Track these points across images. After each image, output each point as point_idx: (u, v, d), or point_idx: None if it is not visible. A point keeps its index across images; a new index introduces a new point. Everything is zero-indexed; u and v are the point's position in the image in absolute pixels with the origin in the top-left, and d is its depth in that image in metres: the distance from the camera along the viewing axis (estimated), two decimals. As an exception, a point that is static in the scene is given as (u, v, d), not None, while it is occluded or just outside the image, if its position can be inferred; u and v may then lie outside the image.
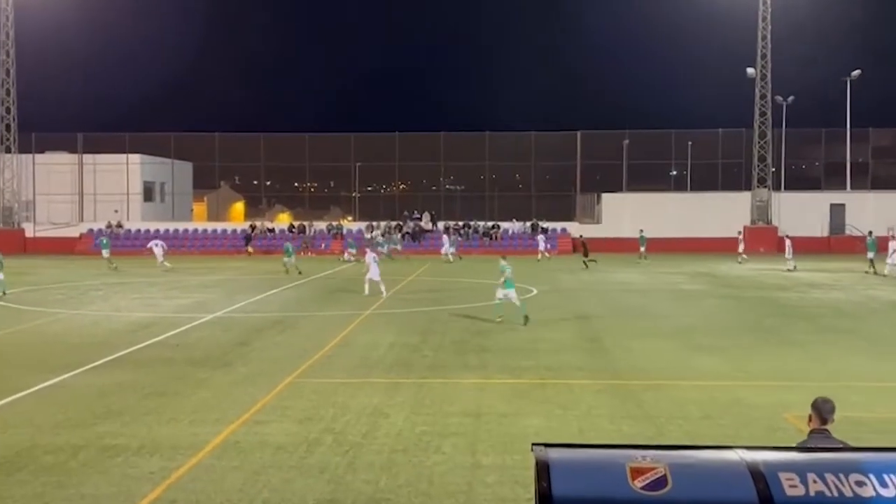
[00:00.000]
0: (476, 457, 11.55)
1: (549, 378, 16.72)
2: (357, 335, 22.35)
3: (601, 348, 20.31)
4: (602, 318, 25.78)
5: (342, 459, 11.43)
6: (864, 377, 16.87)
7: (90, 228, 65.93)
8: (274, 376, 16.79)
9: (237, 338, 21.95)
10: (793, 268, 43.50)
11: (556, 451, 4.45)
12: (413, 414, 13.80)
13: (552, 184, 73.74)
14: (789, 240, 45.77)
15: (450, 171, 75.94)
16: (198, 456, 11.56)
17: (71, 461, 11.39)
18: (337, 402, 14.62)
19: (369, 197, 77.92)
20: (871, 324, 24.87)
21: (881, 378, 16.85)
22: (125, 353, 19.61)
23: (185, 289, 35.80)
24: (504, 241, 63.70)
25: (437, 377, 16.87)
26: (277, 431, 12.76)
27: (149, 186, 72.22)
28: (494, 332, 22.74)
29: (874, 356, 19.29)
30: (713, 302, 30.46)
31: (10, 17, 63.30)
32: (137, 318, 26.09)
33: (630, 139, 69.79)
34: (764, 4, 60.08)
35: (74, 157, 69.97)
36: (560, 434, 12.46)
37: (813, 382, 16.23)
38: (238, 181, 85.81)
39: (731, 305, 29.45)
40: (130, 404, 14.54)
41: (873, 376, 17.01)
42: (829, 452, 4.81)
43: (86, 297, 32.56)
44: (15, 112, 64.35)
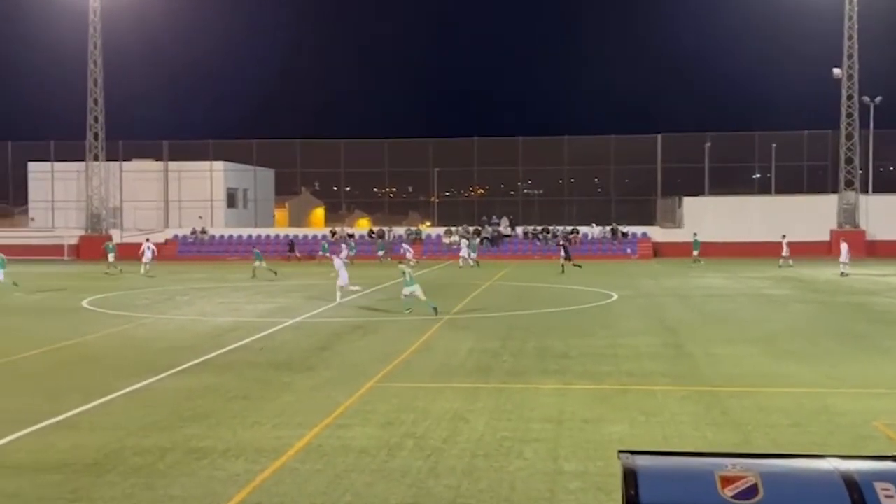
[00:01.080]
0: (558, 463, 11.47)
1: (630, 384, 16.54)
2: (437, 340, 22.40)
3: (684, 354, 20.02)
4: (685, 324, 25.43)
5: (423, 464, 11.45)
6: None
7: (175, 234, 67.31)
8: (355, 380, 16.91)
9: (319, 342, 22.18)
10: (845, 273, 41.62)
11: (643, 458, 4.38)
12: (494, 419, 13.77)
13: (632, 187, 73.11)
14: (846, 244, 44.12)
15: (528, 175, 75.84)
16: (281, 459, 11.69)
17: (159, 463, 11.61)
18: (418, 406, 14.65)
19: (448, 202, 78.19)
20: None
21: (977, 386, 16.29)
22: (210, 357, 19.94)
23: (268, 293, 36.31)
24: (583, 245, 63.31)
25: (518, 382, 16.81)
26: (359, 435, 12.84)
27: (232, 193, 73.49)
28: (574, 337, 22.59)
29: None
30: (800, 307, 29.83)
31: (98, 27, 65.03)
32: (222, 323, 26.53)
33: (712, 141, 68.75)
34: (850, 3, 58.75)
35: (160, 164, 71.55)
36: (644, 441, 12.31)
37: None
38: (318, 187, 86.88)
39: (819, 311, 28.81)
40: (216, 407, 14.78)
41: (969, 384, 16.47)
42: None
43: (172, 302, 33.25)
44: (103, 120, 66.08)
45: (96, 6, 64.68)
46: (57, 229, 67.10)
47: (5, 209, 79.24)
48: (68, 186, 69.96)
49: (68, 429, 13.39)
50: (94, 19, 64.80)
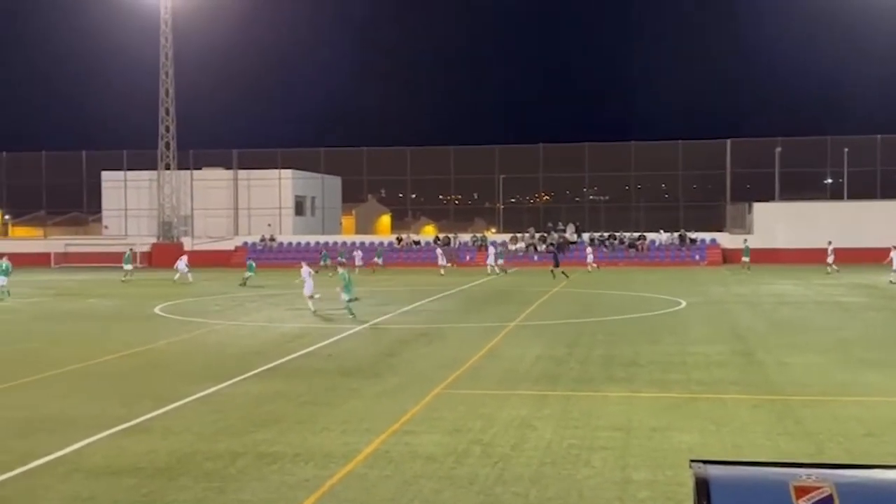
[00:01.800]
0: (626, 471, 11.37)
1: (700, 392, 16.34)
2: (503, 347, 22.37)
3: (755, 362, 19.72)
4: (755, 331, 25.05)
5: (491, 471, 11.44)
6: None
7: (244, 241, 68.21)
8: (422, 387, 16.96)
9: (385, 348, 22.29)
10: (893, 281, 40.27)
11: (716, 467, 4.33)
12: (561, 427, 13.71)
13: (700, 193, 72.31)
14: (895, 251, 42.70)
15: (594, 181, 75.41)
16: (350, 465, 11.77)
17: (229, 468, 11.77)
18: (485, 413, 14.64)
19: (513, 208, 78.12)
20: None
21: None
22: (280, 363, 20.17)
23: (336, 300, 36.56)
24: (651, 252, 62.75)
25: (585, 390, 16.72)
26: (427, 442, 12.87)
27: (300, 201, 74.29)
28: (642, 344, 22.38)
29: None
30: (874, 315, 29.21)
31: (169, 38, 66.26)
32: (290, 329, 26.82)
33: (782, 146, 67.65)
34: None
35: (230, 172, 72.61)
36: (714, 450, 12.16)
37: None
38: (384, 194, 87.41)
39: (893, 318, 28.16)
40: (285, 413, 14.94)
41: None
42: None
43: (241, 309, 33.69)
44: (174, 130, 67.30)
45: (167, 17, 65.92)
46: (129, 237, 68.43)
47: (79, 217, 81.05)
48: (140, 195, 71.34)
49: (141, 433, 13.64)
50: (165, 30, 66.05)
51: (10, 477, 11.39)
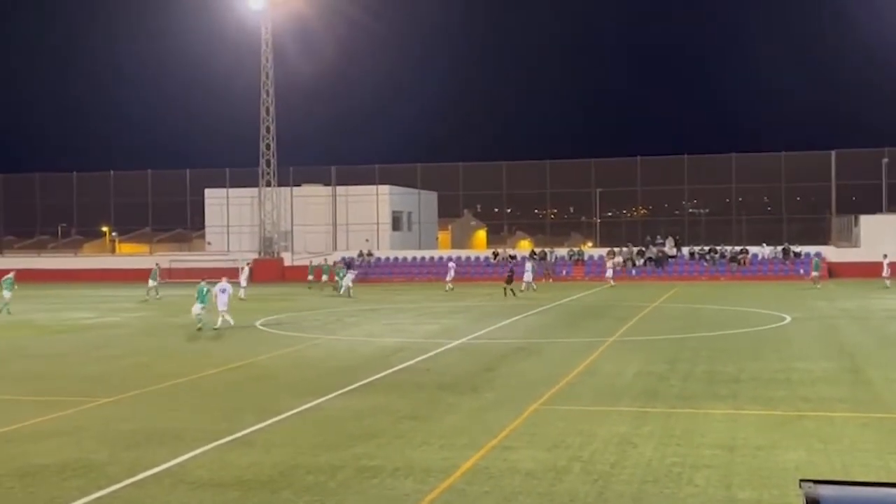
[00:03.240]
0: (731, 490, 11.13)
1: (806, 410, 15.90)
2: (602, 362, 22.15)
3: (864, 379, 19.12)
4: (864, 348, 24.29)
5: (591, 488, 11.32)
6: None
7: (343, 257, 69.07)
8: (520, 402, 16.89)
9: (483, 363, 22.28)
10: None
11: (827, 487, 4.22)
12: (662, 444, 13.48)
13: (804, 206, 70.60)
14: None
15: (693, 194, 74.29)
16: (449, 480, 11.78)
17: (330, 481, 11.88)
18: (584, 429, 14.50)
19: (610, 222, 77.40)
20: None
21: None
22: (379, 377, 20.32)
23: (434, 315, 36.77)
24: (753, 265, 61.46)
25: (686, 407, 16.43)
26: (526, 458, 12.80)
27: (397, 216, 74.91)
28: (745, 360, 21.91)
29: None
30: None
31: (270, 58, 67.67)
32: (389, 344, 27.01)
33: (889, 157, 65.57)
34: None
35: (328, 189, 73.66)
36: (822, 469, 11.81)
37: None
38: (480, 209, 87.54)
39: None
40: (384, 427, 15.03)
41: None
42: None
43: (340, 323, 34.09)
44: (274, 148, 68.63)
45: (268, 38, 67.34)
46: (231, 252, 69.92)
47: (183, 234, 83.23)
48: (242, 211, 72.87)
49: (244, 446, 13.88)
50: (266, 50, 67.47)
51: (118, 488, 11.70)
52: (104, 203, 78.77)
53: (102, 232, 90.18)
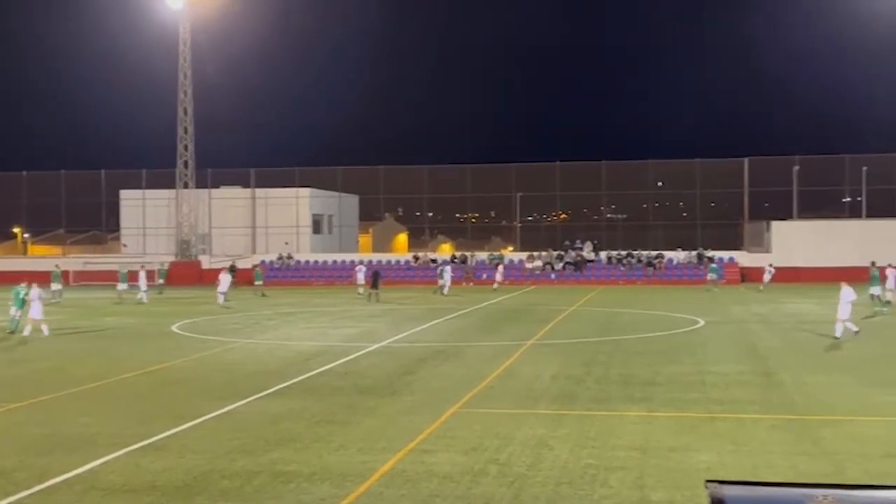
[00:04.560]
0: (644, 492, 11.31)
1: (718, 412, 16.24)
2: (520, 365, 22.32)
3: (774, 382, 19.60)
4: (774, 351, 24.91)
5: (507, 491, 11.40)
6: None
7: (262, 260, 68.37)
8: (439, 406, 16.94)
9: (403, 367, 22.28)
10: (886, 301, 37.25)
11: (732, 488, 4.31)
12: (578, 446, 13.65)
13: (718, 212, 72.06)
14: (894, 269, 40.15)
15: (612, 199, 75.28)
16: (366, 484, 11.76)
17: (246, 486, 11.77)
18: (501, 432, 14.60)
19: (530, 226, 78.03)
20: None
21: None
22: (297, 381, 20.18)
23: (353, 318, 36.64)
24: (668, 270, 62.55)
25: (602, 409, 16.65)
26: (443, 461, 12.85)
27: (317, 219, 74.45)
28: (660, 364, 22.28)
29: None
30: (893, 333, 29.00)
31: (188, 57, 66.72)
32: (308, 347, 26.84)
33: (800, 165, 67.37)
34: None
35: (247, 191, 72.88)
36: (732, 470, 12.08)
37: None
38: (401, 213, 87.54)
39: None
40: (301, 431, 14.94)
41: None
42: None
43: (259, 327, 33.77)
44: (192, 149, 67.65)
45: (186, 37, 66.40)
46: (148, 255, 68.71)
47: (98, 236, 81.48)
48: (159, 213, 71.64)
49: (158, 451, 13.66)
50: (184, 50, 66.51)
51: (28, 494, 11.43)
52: (16, 204, 76.78)
53: (14, 233, 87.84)
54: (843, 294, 26.96)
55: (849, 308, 26.88)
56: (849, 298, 26.89)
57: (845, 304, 26.82)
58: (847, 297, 26.87)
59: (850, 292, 27.00)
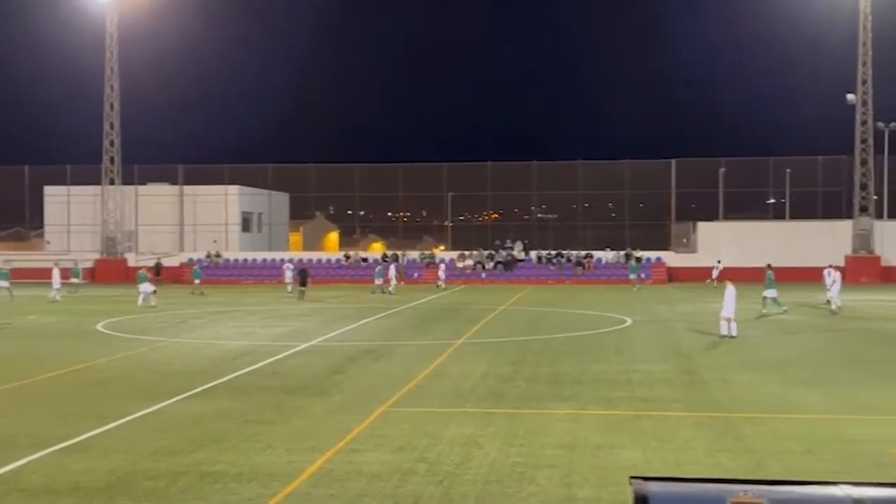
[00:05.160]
0: (571, 489, 11.42)
1: (644, 410, 16.48)
2: (449, 364, 22.37)
3: (698, 380, 19.94)
4: (699, 350, 25.33)
5: (436, 489, 11.42)
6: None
7: (190, 258, 67.54)
8: (368, 405, 16.90)
9: (332, 366, 22.18)
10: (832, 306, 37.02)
11: (655, 484, 4.38)
12: (506, 445, 13.73)
13: (646, 212, 73.07)
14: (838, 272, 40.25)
15: (542, 200, 75.86)
16: (294, 483, 11.68)
17: (171, 487, 11.62)
18: (430, 431, 14.63)
19: (461, 226, 78.29)
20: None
21: None
22: (224, 381, 19.97)
23: (282, 317, 36.38)
24: (597, 270, 63.24)
25: (531, 408, 16.77)
26: (372, 460, 12.82)
27: (246, 217, 73.77)
28: (588, 362, 22.53)
29: None
30: (813, 333, 29.70)
31: (115, 52, 65.57)
32: (236, 346, 26.57)
33: (726, 167, 68.67)
34: (864, 30, 58.77)
35: (175, 188, 71.95)
36: (657, 467, 12.26)
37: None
38: (333, 211, 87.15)
39: (833, 337, 28.67)
40: (228, 431, 14.79)
41: None
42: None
43: (186, 326, 33.34)
44: (118, 145, 66.50)
45: (113, 31, 65.25)
46: (72, 252, 67.36)
47: (21, 233, 79.68)
48: (84, 210, 70.31)
49: (81, 452, 13.42)
50: (110, 44, 65.35)
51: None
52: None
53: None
54: (727, 293, 27.55)
55: (733, 307, 27.44)
56: (733, 298, 27.45)
57: (730, 302, 27.37)
58: (732, 297, 27.43)
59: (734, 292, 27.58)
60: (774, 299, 36.37)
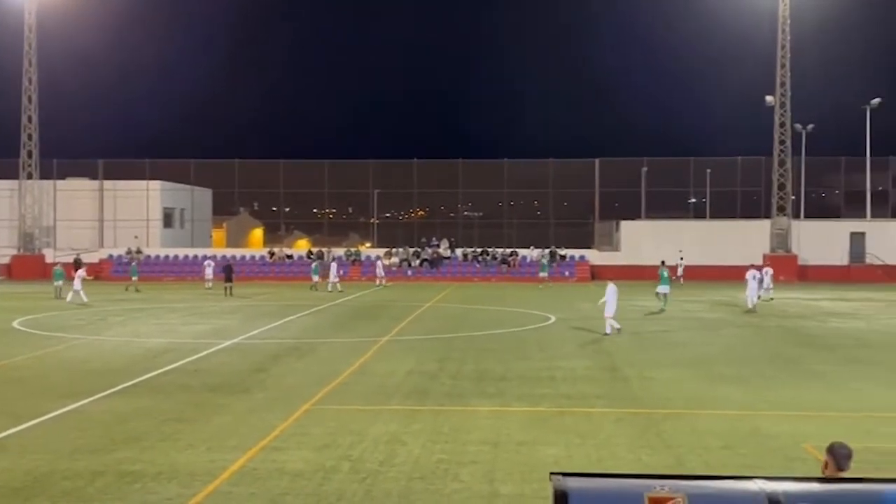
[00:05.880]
0: (494, 485, 11.49)
1: (567, 406, 16.65)
2: (374, 362, 22.33)
3: (620, 377, 20.21)
4: (621, 347, 25.66)
5: (359, 487, 11.39)
6: (887, 408, 16.72)
7: (110, 254, 66.29)
8: (291, 403, 16.79)
9: (255, 364, 21.97)
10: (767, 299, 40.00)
11: (575, 480, 4.42)
12: (430, 442, 13.76)
13: (571, 211, 73.76)
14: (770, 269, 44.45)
15: (468, 197, 76.08)
16: (215, 483, 11.55)
17: (89, 487, 11.40)
18: (354, 429, 14.59)
19: (388, 223, 78.17)
20: (893, 354, 24.66)
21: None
22: (144, 379, 19.65)
23: (204, 315, 35.91)
24: (522, 268, 63.67)
25: (455, 405, 16.83)
26: (295, 459, 12.74)
27: (168, 213, 72.64)
28: (512, 359, 22.68)
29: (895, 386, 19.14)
30: (733, 331, 30.30)
31: (33, 44, 64.01)
32: (156, 344, 26.15)
33: (648, 167, 69.76)
34: (783, 33, 60.12)
35: (95, 183, 70.48)
36: (578, 463, 12.40)
37: (834, 413, 16.15)
38: (257, 207, 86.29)
39: (752, 334, 29.28)
40: (148, 430, 14.56)
41: (895, 406, 16.87)
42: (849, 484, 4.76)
43: (105, 323, 32.71)
44: (37, 138, 64.94)
45: (31, 22, 63.70)
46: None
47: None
48: (1, 205, 68.56)
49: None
50: (28, 35, 63.78)
51: None
52: None
53: None
54: (608, 292, 28.23)
55: (614, 305, 28.14)
56: (614, 296, 28.18)
57: (611, 301, 28.04)
58: (612, 295, 28.15)
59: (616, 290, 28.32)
60: (665, 295, 37.41)
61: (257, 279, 60.36)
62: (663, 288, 37.35)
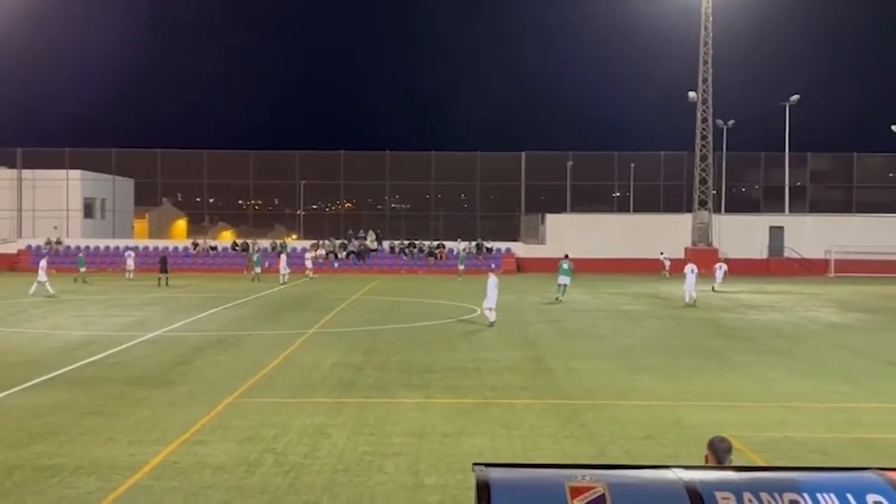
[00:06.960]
0: (419, 477, 11.51)
1: (492, 398, 16.74)
2: (300, 354, 22.19)
3: (544, 368, 20.39)
4: (545, 338, 25.89)
5: (283, 480, 11.32)
6: (802, 397, 17.15)
7: (29, 245, 64.81)
8: (214, 396, 16.61)
9: (177, 357, 21.67)
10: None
11: (497, 470, 4.44)
12: (355, 434, 13.73)
13: (497, 204, 74.12)
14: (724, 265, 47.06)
15: (395, 190, 75.95)
16: (135, 476, 11.38)
17: (6, 482, 11.15)
18: (278, 422, 14.49)
19: (314, 215, 77.63)
20: (809, 345, 25.28)
21: (819, 398, 17.12)
22: (62, 372, 19.26)
23: (126, 307, 35.30)
24: (449, 260, 63.83)
25: (380, 397, 16.81)
26: (217, 452, 12.61)
27: (89, 203, 71.19)
28: (438, 351, 22.73)
29: (811, 377, 19.62)
30: (655, 323, 30.77)
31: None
32: (76, 337, 25.63)
33: (574, 160, 70.43)
34: (706, 30, 61.14)
35: (13, 172, 68.80)
36: (503, 454, 12.48)
37: (751, 402, 16.51)
38: (180, 198, 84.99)
39: (673, 326, 29.77)
40: (67, 424, 14.28)
41: (811, 397, 17.29)
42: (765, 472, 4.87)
43: (23, 315, 31.96)
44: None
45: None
46: None
47: None
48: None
49: None
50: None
51: None
52: None
53: None
54: (489, 284, 29.06)
55: (495, 298, 28.82)
56: (495, 288, 29.02)
57: (492, 293, 28.78)
58: (494, 288, 28.98)
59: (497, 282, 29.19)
60: (565, 286, 38.53)
61: (181, 271, 59.46)
62: (564, 279, 38.55)
